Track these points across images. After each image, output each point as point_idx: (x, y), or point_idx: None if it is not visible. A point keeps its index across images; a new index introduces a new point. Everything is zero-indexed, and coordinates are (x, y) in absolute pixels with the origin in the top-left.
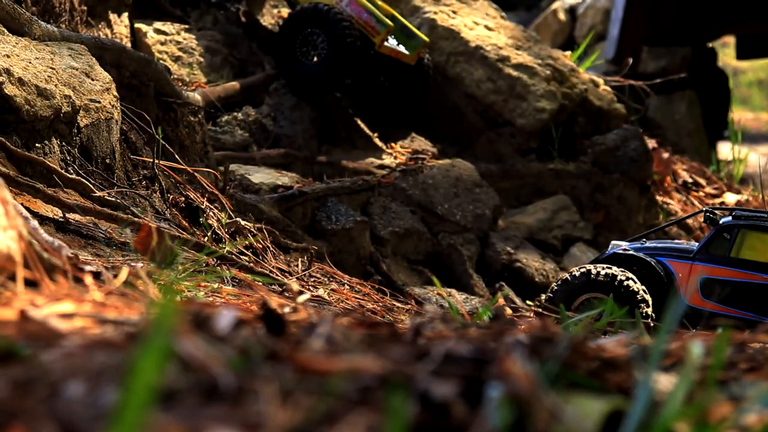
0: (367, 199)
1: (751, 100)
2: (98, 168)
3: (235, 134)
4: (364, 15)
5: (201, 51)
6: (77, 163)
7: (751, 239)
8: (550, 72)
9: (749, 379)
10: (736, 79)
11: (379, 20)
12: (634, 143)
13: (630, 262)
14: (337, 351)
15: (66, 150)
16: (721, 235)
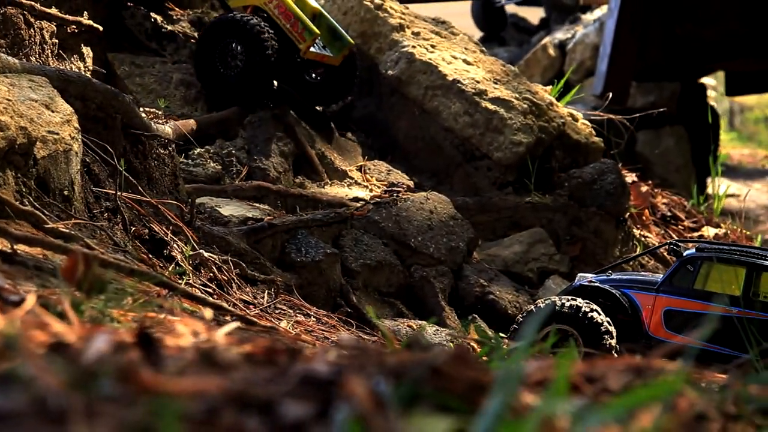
0: (339, 231)
1: (758, 136)
2: (56, 200)
3: (208, 167)
4: (291, 20)
5: (175, 84)
6: (33, 195)
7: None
8: (528, 106)
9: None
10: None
11: (306, 27)
12: (611, 177)
13: (596, 294)
14: (202, 372)
15: (22, 182)
16: (685, 267)
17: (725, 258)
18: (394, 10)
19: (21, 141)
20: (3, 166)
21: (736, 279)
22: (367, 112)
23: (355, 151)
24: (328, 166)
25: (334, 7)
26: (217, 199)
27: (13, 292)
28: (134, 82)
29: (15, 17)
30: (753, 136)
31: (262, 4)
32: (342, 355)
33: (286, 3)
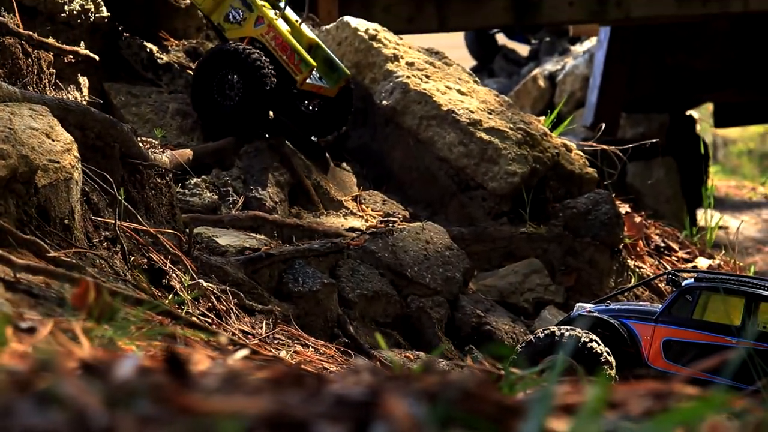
0: (336, 261)
1: (741, 169)
2: (56, 229)
3: (204, 197)
4: (288, 51)
5: (172, 113)
6: (34, 224)
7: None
8: (522, 136)
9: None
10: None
11: (303, 59)
12: (606, 207)
13: (594, 324)
14: (231, 394)
15: (23, 210)
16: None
17: (724, 288)
18: (389, 41)
19: (22, 169)
20: (5, 194)
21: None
22: (361, 142)
23: (350, 181)
24: (323, 197)
25: (328, 38)
26: (213, 229)
27: (23, 319)
28: (131, 111)
29: (13, 47)
30: (736, 170)
31: (259, 35)
32: (372, 378)
33: (282, 34)
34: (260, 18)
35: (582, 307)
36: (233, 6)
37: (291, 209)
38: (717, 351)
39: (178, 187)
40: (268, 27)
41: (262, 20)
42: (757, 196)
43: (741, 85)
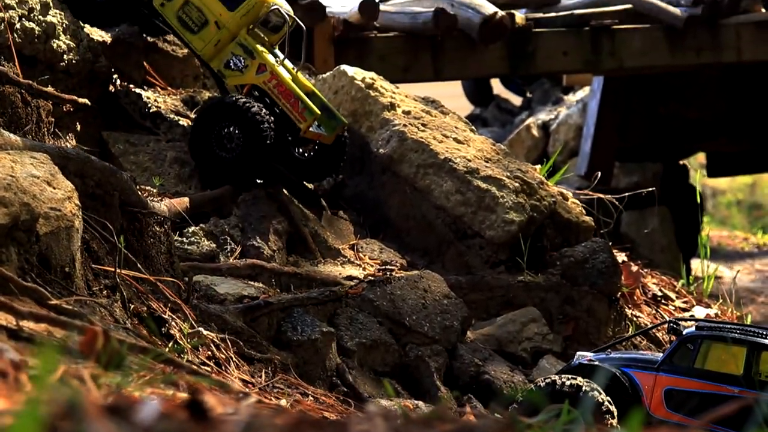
0: (334, 310)
1: (730, 219)
2: (57, 276)
3: (202, 245)
4: (291, 99)
5: (170, 162)
6: (35, 272)
7: (714, 350)
8: (519, 184)
9: None
10: (715, 199)
11: (307, 107)
12: (603, 256)
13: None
14: None
15: (24, 258)
16: (685, 345)
17: (725, 337)
18: (385, 90)
19: (24, 217)
20: (6, 242)
21: (737, 358)
22: (358, 190)
23: (347, 229)
24: (321, 245)
25: (325, 86)
26: (212, 277)
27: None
28: (129, 160)
29: (13, 95)
30: (726, 220)
31: (261, 83)
32: (390, 423)
33: (285, 82)
34: (262, 65)
35: (582, 356)
36: (234, 53)
37: (289, 257)
38: (719, 401)
39: (176, 235)
40: (271, 74)
41: (264, 68)
42: (749, 247)
43: (733, 135)
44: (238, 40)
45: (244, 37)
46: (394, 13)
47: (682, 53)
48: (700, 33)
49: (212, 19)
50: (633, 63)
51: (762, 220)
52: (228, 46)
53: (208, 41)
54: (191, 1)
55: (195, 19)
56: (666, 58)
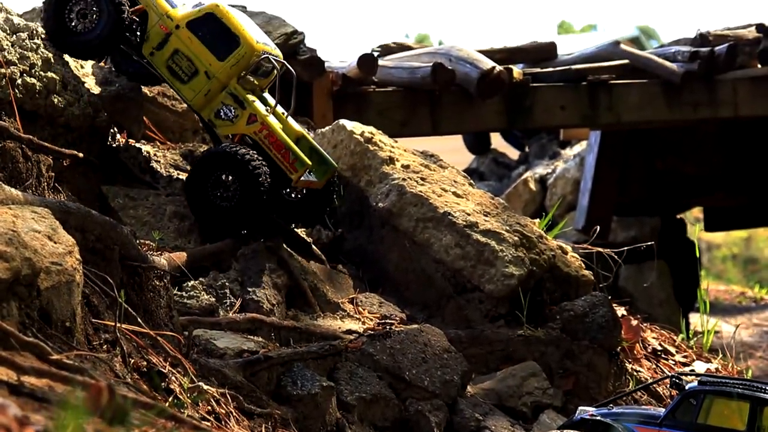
0: (334, 364)
1: (726, 273)
2: (58, 331)
3: (201, 299)
4: (282, 150)
5: (169, 216)
6: (36, 326)
7: (717, 405)
8: (519, 238)
9: None
10: (711, 254)
11: (298, 158)
12: (603, 310)
13: (597, 428)
14: None
15: (25, 312)
16: (688, 400)
17: (728, 392)
18: (384, 144)
19: (25, 272)
20: (7, 297)
21: (740, 413)
22: (357, 244)
23: (346, 283)
24: (320, 299)
25: (324, 141)
26: (211, 332)
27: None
28: (128, 214)
29: (14, 150)
30: (722, 274)
31: (252, 133)
32: None
33: (276, 132)
34: (253, 115)
35: (584, 411)
36: (224, 103)
37: (288, 311)
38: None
39: (175, 289)
40: (261, 125)
41: (254, 118)
42: (746, 301)
43: (730, 190)
44: (228, 89)
45: (235, 87)
46: (393, 68)
47: (680, 108)
48: (697, 88)
49: (202, 69)
50: (630, 118)
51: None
52: (218, 96)
53: (198, 91)
54: (181, 51)
55: (185, 68)
56: (663, 113)
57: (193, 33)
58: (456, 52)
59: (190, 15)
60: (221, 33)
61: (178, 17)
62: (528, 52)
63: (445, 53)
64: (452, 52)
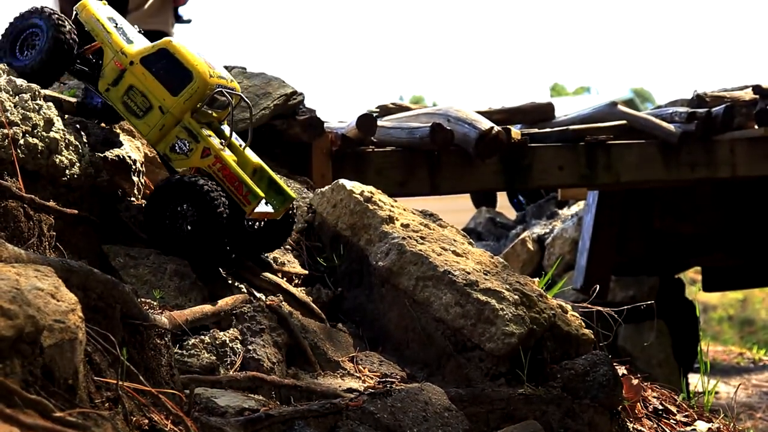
0: (335, 422)
1: (722, 335)
2: (60, 389)
3: (202, 357)
4: (236, 183)
5: (170, 274)
6: (39, 384)
7: None
8: (519, 297)
9: None
10: (707, 315)
11: (251, 191)
12: (604, 369)
13: None
14: None
15: (28, 370)
16: None
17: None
18: (383, 203)
19: (29, 329)
20: (11, 354)
21: None
22: (357, 302)
23: (346, 341)
24: (320, 357)
25: (323, 200)
26: (212, 390)
27: None
28: (129, 273)
29: (15, 210)
30: (718, 335)
31: (206, 166)
32: None
33: (229, 165)
34: (207, 149)
35: None
36: (179, 137)
37: (288, 370)
38: None
39: (176, 347)
40: (215, 158)
41: (208, 151)
42: (745, 362)
43: (729, 250)
44: (182, 123)
45: (189, 121)
46: (392, 128)
47: (677, 168)
48: (695, 149)
49: (156, 104)
50: (628, 177)
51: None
52: (173, 131)
53: (153, 126)
54: (135, 86)
55: (139, 104)
56: (661, 173)
57: (147, 69)
58: (454, 112)
59: (144, 51)
60: (174, 68)
61: (132, 53)
62: (526, 113)
63: (443, 114)
64: (450, 113)
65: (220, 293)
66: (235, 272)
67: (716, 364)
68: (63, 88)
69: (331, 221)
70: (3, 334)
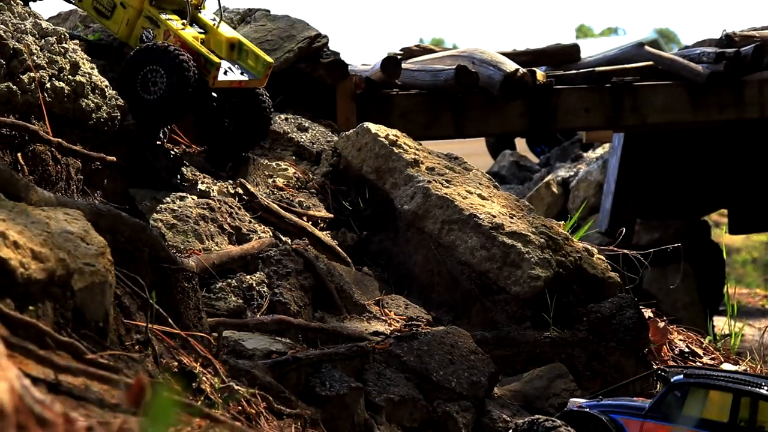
0: (362, 365)
1: (746, 278)
2: (91, 331)
3: (229, 300)
4: (194, 56)
5: (195, 219)
6: (70, 326)
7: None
8: (545, 240)
9: None
10: (730, 258)
11: (208, 60)
12: (630, 311)
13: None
14: None
15: (59, 313)
16: (673, 393)
17: (712, 384)
18: (408, 146)
19: (60, 273)
20: (42, 297)
21: (723, 405)
22: (382, 246)
23: (372, 285)
24: (346, 301)
25: (348, 143)
26: (239, 333)
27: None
28: (155, 217)
29: (43, 154)
30: (741, 278)
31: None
32: None
33: (188, 42)
34: (167, 32)
35: (574, 403)
36: (144, 27)
37: (315, 313)
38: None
39: (203, 291)
40: (174, 38)
41: (168, 33)
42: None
43: (755, 191)
44: (144, 13)
45: (148, 10)
46: (416, 71)
47: (705, 110)
48: (723, 89)
49: (118, 2)
50: (655, 119)
51: None
52: (138, 22)
53: (120, 22)
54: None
55: (106, 5)
56: (688, 114)
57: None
58: (479, 54)
59: None
60: None
61: None
62: (551, 55)
63: (468, 56)
64: (475, 55)
65: (246, 237)
66: (260, 216)
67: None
68: (88, 31)
69: (355, 165)
70: (34, 277)
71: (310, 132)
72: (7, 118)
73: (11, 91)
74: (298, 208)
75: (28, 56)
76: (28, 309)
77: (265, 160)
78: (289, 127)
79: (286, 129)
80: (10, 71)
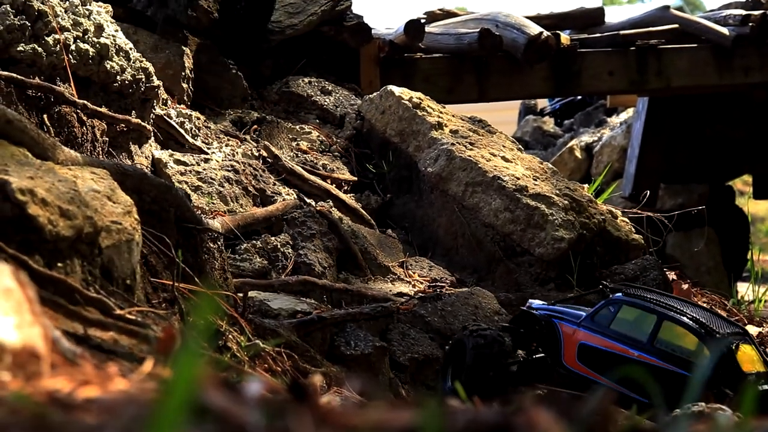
0: (386, 325)
1: None
2: (119, 288)
3: (254, 261)
4: None
5: (220, 181)
6: (98, 284)
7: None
8: (569, 202)
9: None
10: (754, 227)
11: None
12: (653, 273)
13: (527, 319)
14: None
15: (87, 270)
16: (607, 307)
17: (641, 305)
18: (432, 109)
19: (87, 230)
20: (71, 254)
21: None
22: (406, 209)
23: (396, 247)
24: (370, 262)
25: (372, 107)
26: (264, 293)
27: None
28: (179, 179)
29: (69, 115)
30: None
31: None
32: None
33: None
34: None
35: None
36: None
37: (339, 274)
38: (620, 361)
39: (228, 252)
40: None
41: None
42: None
43: None
44: None
45: None
46: (439, 35)
47: (730, 73)
48: (749, 52)
49: None
50: (680, 83)
51: None
52: None
53: None
54: None
55: None
56: (713, 78)
57: None
58: (503, 17)
59: None
60: None
61: None
62: (575, 18)
63: (491, 19)
64: (499, 18)
65: (271, 198)
66: (284, 178)
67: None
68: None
69: (379, 128)
70: (62, 234)
71: (334, 95)
72: (33, 80)
73: (36, 53)
74: (322, 171)
75: (52, 18)
76: (56, 266)
77: (289, 124)
78: (313, 91)
79: (310, 92)
80: (35, 33)
